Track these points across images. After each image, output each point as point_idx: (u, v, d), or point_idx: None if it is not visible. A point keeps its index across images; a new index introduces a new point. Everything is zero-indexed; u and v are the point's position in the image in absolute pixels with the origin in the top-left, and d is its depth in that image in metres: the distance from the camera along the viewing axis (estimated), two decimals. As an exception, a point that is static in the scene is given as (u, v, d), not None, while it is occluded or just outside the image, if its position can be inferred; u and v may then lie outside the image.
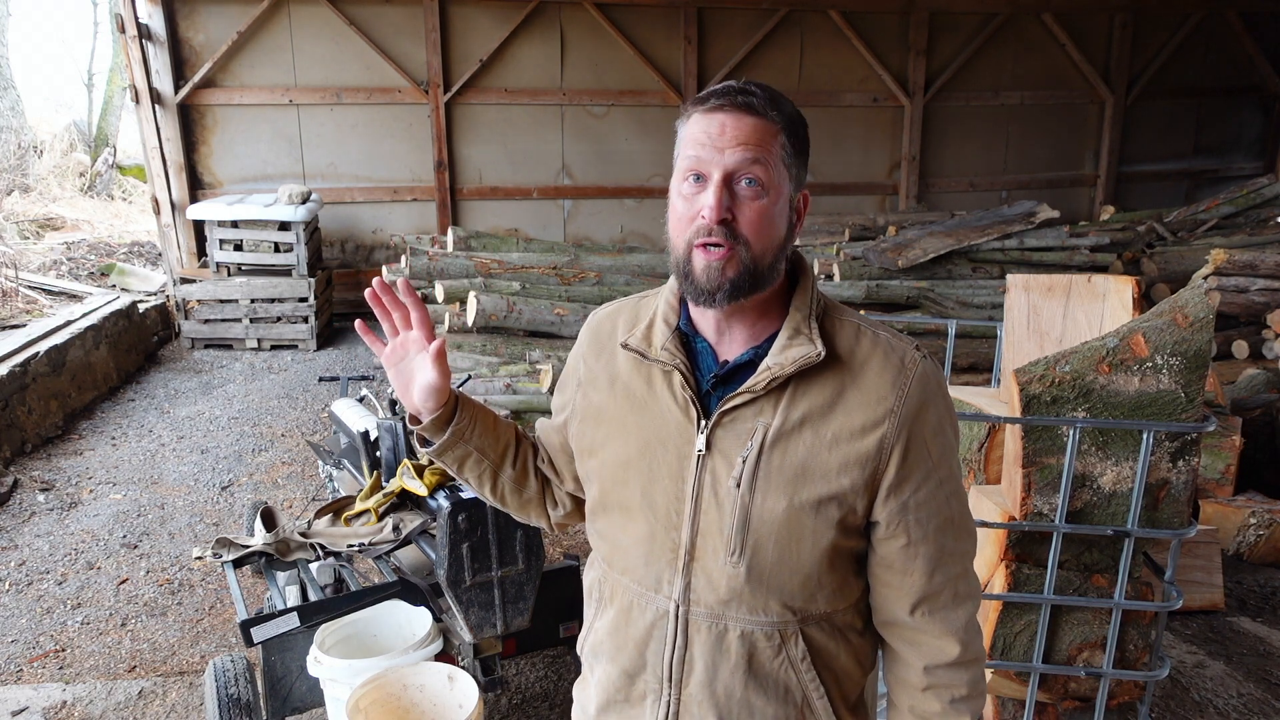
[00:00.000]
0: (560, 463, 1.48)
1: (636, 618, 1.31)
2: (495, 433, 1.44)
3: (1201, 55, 9.90)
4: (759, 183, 1.16)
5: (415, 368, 1.36)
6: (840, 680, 1.30)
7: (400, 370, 1.38)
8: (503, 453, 1.45)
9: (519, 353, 5.88)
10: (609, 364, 1.36)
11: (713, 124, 1.18)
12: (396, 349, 1.37)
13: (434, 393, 1.35)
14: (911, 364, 1.23)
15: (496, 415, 1.47)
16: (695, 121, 1.19)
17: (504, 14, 8.32)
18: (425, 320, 1.36)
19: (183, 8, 7.81)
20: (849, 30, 8.96)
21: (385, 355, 1.38)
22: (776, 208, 1.19)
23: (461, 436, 1.40)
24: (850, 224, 8.40)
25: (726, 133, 1.16)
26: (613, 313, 1.41)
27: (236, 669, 2.57)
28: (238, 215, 7.35)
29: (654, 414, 1.29)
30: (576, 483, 1.46)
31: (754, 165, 1.16)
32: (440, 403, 1.37)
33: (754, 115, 1.17)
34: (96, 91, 13.87)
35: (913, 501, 1.23)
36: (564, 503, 1.51)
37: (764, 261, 1.19)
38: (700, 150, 1.18)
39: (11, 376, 5.34)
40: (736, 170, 1.16)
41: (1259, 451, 4.56)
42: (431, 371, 1.33)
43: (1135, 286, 2.39)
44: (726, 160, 1.16)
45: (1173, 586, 2.22)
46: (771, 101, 1.18)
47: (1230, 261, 6.26)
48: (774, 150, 1.17)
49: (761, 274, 1.20)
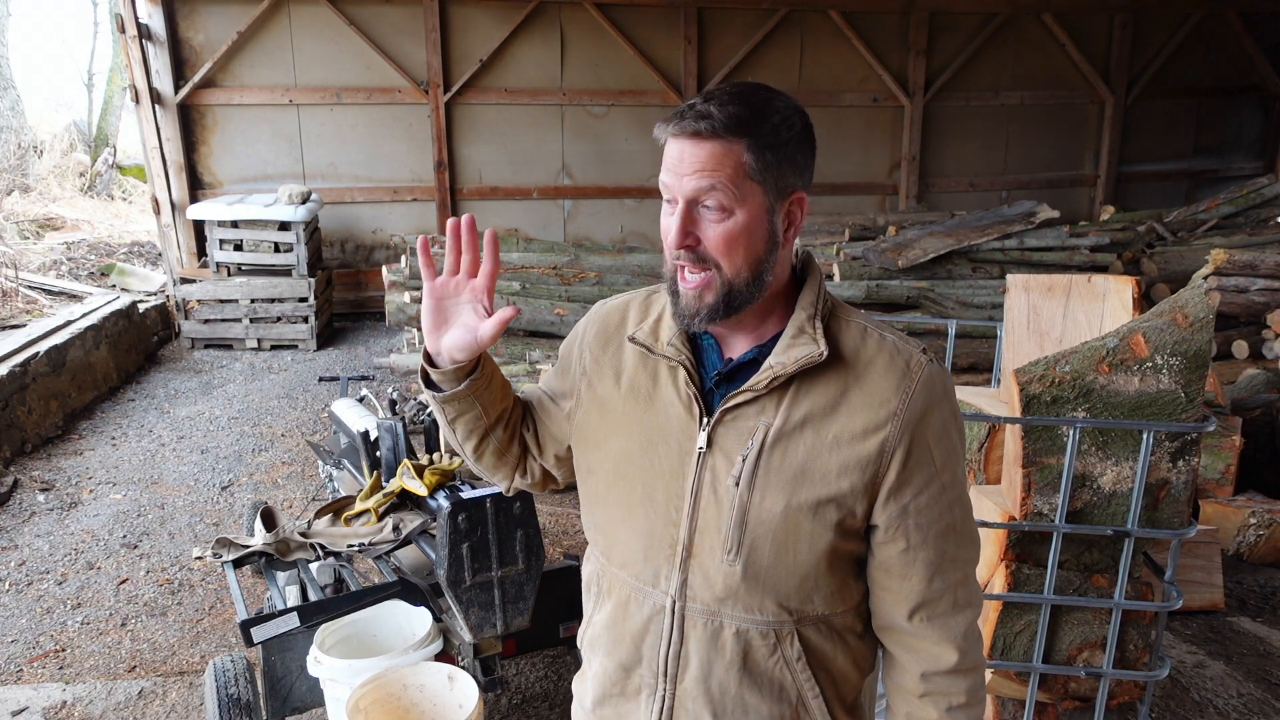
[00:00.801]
0: (546, 442, 1.47)
1: (634, 612, 1.31)
2: (501, 394, 1.42)
3: (1201, 55, 9.90)
4: (718, 207, 1.16)
5: (460, 313, 1.31)
6: (837, 681, 1.30)
7: (440, 307, 1.31)
8: (499, 415, 1.42)
9: (519, 353, 5.88)
10: (615, 356, 1.36)
11: (674, 150, 1.17)
12: (449, 285, 1.31)
13: (474, 348, 1.31)
14: (917, 367, 1.22)
15: (504, 376, 1.45)
16: (667, 144, 1.19)
17: (504, 14, 8.32)
18: (494, 276, 1.31)
19: (183, 8, 7.81)
20: (849, 30, 8.96)
21: (433, 285, 1.31)
22: (744, 226, 1.17)
23: (473, 392, 1.36)
24: (850, 224, 8.40)
25: (685, 159, 1.16)
26: (622, 304, 1.41)
27: (236, 669, 2.57)
28: (238, 215, 7.35)
29: (658, 409, 1.29)
30: (557, 461, 1.46)
31: (711, 192, 1.15)
32: (470, 358, 1.33)
33: (709, 139, 1.14)
34: (96, 91, 13.88)
35: (913, 506, 1.22)
36: (533, 472, 1.50)
37: (739, 280, 1.19)
38: (666, 176, 1.19)
39: (11, 376, 5.34)
40: (695, 198, 1.16)
41: (1259, 451, 4.56)
42: (489, 331, 1.28)
43: (1135, 286, 2.40)
44: (684, 187, 1.16)
45: (1173, 586, 2.22)
46: (732, 119, 1.14)
47: (1230, 261, 6.26)
48: (734, 172, 1.15)
49: (739, 293, 1.19)
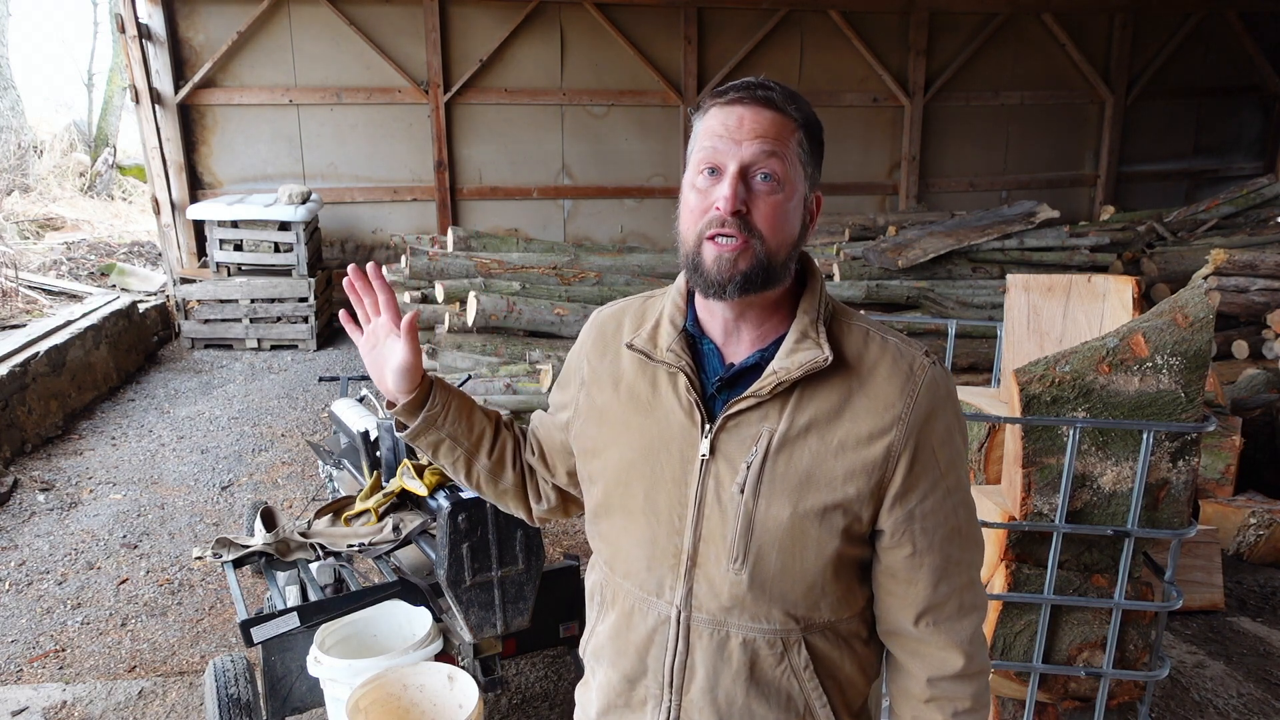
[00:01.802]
0: (554, 459, 1.47)
1: (638, 622, 1.30)
2: (470, 421, 1.44)
3: (1201, 55, 9.90)
4: (774, 177, 1.15)
5: (387, 352, 1.38)
6: (844, 688, 1.29)
7: (375, 356, 1.40)
8: (477, 441, 1.44)
9: (519, 353, 5.88)
10: (613, 364, 1.34)
11: (730, 117, 1.16)
12: (369, 335, 1.40)
13: (405, 373, 1.37)
14: (920, 370, 1.20)
15: (475, 404, 1.46)
16: (712, 115, 1.18)
17: (504, 14, 8.32)
18: (391, 303, 1.38)
19: (183, 8, 7.81)
20: (849, 30, 8.95)
21: (361, 343, 1.41)
22: (791, 204, 1.17)
23: (434, 423, 1.40)
24: (850, 224, 8.40)
25: (745, 125, 1.15)
26: (618, 312, 1.39)
27: (236, 669, 2.57)
28: (238, 215, 7.35)
29: (658, 416, 1.27)
30: (571, 478, 1.45)
31: (770, 159, 1.14)
32: (413, 384, 1.38)
33: (773, 110, 1.16)
34: (96, 91, 13.87)
35: (919, 511, 1.21)
36: (548, 497, 1.50)
37: (778, 257, 1.17)
38: (717, 142, 1.16)
39: (11, 376, 5.34)
40: (753, 163, 1.15)
41: (1259, 451, 4.56)
42: (403, 350, 1.35)
43: (1135, 286, 2.39)
44: (744, 153, 1.15)
45: (1173, 586, 2.22)
46: (790, 98, 1.17)
47: (1230, 261, 6.26)
48: (791, 146, 1.16)
49: (774, 270, 1.17)
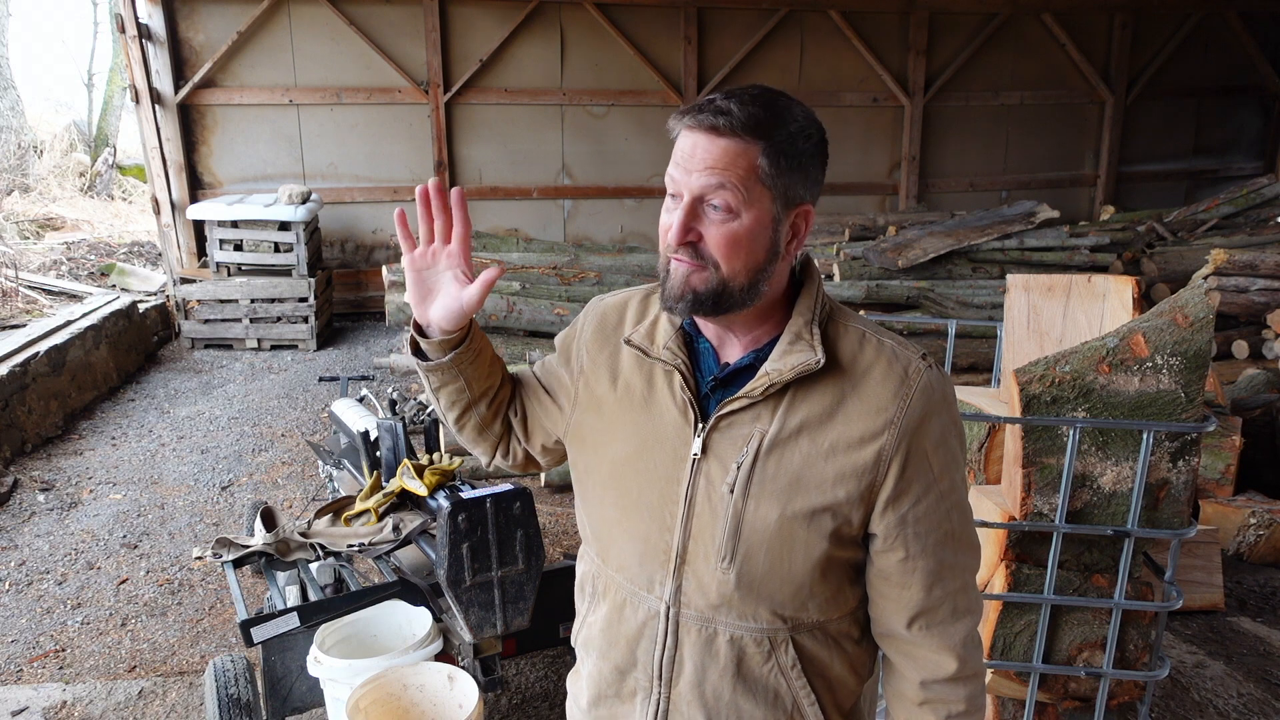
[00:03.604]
0: (534, 429, 1.46)
1: (629, 616, 1.31)
2: (488, 371, 1.41)
3: (1201, 55, 9.90)
4: (725, 207, 1.14)
5: (442, 282, 1.31)
6: (833, 688, 1.29)
7: (423, 278, 1.32)
8: (484, 391, 1.42)
9: (519, 353, 5.88)
10: (612, 356, 1.34)
11: (686, 143, 1.15)
12: (426, 255, 1.31)
13: (460, 316, 1.31)
14: (915, 373, 1.20)
15: (494, 354, 1.44)
16: (679, 138, 1.17)
17: (504, 14, 8.32)
18: (466, 238, 1.30)
19: (183, 8, 7.81)
20: (849, 30, 8.96)
21: (412, 257, 1.31)
22: (749, 230, 1.14)
23: (458, 364, 1.36)
24: (850, 224, 8.40)
25: (696, 155, 1.14)
26: (620, 303, 1.39)
27: (236, 669, 2.57)
28: (238, 215, 7.35)
29: (653, 413, 1.27)
30: (543, 450, 1.47)
31: (719, 190, 1.13)
32: (459, 327, 1.33)
33: (725, 136, 1.12)
34: (96, 91, 13.89)
35: (911, 515, 1.21)
36: (515, 454, 1.50)
37: (735, 283, 1.16)
38: (674, 170, 1.16)
39: (11, 376, 5.34)
40: (703, 194, 1.14)
41: (1259, 451, 4.55)
42: (471, 296, 1.28)
43: (1135, 286, 2.39)
44: (693, 183, 1.14)
45: (1173, 586, 2.22)
46: (751, 119, 1.12)
47: (1230, 261, 6.26)
48: (746, 173, 1.13)
49: (732, 295, 1.17)
